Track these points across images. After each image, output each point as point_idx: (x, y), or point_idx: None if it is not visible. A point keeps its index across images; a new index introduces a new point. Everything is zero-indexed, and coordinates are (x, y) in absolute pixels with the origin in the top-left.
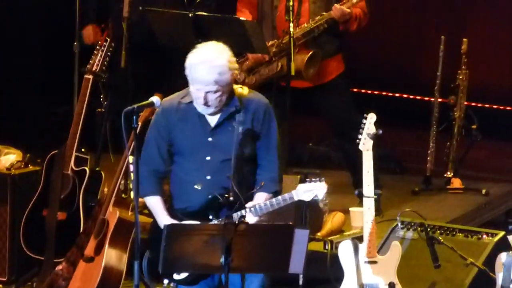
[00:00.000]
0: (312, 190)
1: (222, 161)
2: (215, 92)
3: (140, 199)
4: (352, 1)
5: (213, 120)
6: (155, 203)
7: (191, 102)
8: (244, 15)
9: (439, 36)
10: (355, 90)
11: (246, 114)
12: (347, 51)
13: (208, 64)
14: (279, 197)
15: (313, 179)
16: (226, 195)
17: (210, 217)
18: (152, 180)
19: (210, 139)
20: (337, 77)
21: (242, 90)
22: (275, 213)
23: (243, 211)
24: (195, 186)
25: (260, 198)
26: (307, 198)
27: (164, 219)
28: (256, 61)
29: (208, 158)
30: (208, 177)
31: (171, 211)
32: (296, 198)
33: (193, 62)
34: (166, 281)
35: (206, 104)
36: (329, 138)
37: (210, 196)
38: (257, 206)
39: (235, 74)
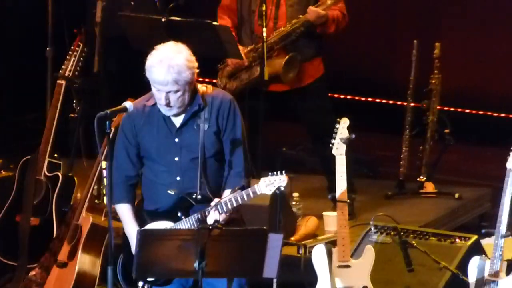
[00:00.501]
0: (273, 182)
1: (190, 160)
2: (176, 91)
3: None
4: (327, 3)
5: (178, 121)
6: (124, 211)
7: (155, 104)
8: (224, 22)
9: (411, 40)
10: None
11: (211, 112)
12: (326, 55)
13: (166, 64)
14: (242, 191)
15: (274, 172)
16: (194, 195)
17: (179, 214)
18: (123, 187)
19: (176, 139)
20: (315, 80)
21: (205, 88)
22: (250, 218)
23: (209, 209)
24: (168, 191)
25: (227, 194)
26: (268, 191)
27: (131, 227)
28: (236, 67)
29: (176, 158)
30: (178, 178)
31: (141, 213)
32: (258, 192)
33: (151, 63)
34: (140, 284)
35: (168, 104)
36: (303, 143)
37: (179, 197)
38: (222, 203)
39: (195, 73)
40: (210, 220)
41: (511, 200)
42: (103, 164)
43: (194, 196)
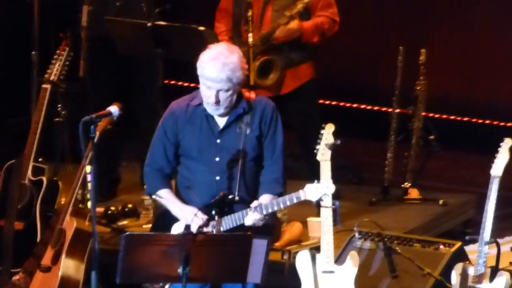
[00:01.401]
0: (320, 190)
1: (230, 161)
2: (227, 90)
3: (97, 209)
4: (297, 8)
5: (221, 122)
6: (164, 195)
7: (200, 104)
8: (221, 25)
9: (397, 47)
10: None
11: (254, 116)
12: (316, 59)
13: (221, 61)
14: (286, 196)
15: (322, 179)
16: (232, 195)
17: (213, 213)
18: (158, 176)
19: (218, 140)
20: (304, 85)
21: (249, 93)
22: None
23: (231, 216)
24: (187, 187)
25: (265, 199)
26: (314, 198)
27: (177, 206)
28: None
29: (217, 159)
30: (217, 178)
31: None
32: (303, 198)
33: (205, 60)
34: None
35: (217, 103)
36: (289, 149)
37: (218, 196)
38: (263, 205)
39: (245, 75)
40: (248, 221)
41: (495, 206)
42: (88, 168)
43: (232, 197)
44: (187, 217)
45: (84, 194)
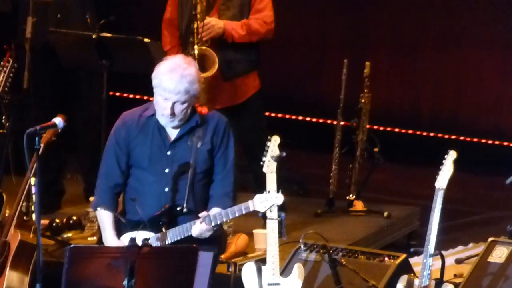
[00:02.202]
0: (269, 200)
1: (180, 173)
2: (183, 103)
3: (42, 221)
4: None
5: (173, 134)
6: (105, 217)
7: (153, 115)
8: (166, 36)
9: (341, 59)
10: None
11: (206, 130)
12: (260, 70)
13: (179, 73)
14: (234, 207)
15: (269, 191)
16: (180, 207)
17: (161, 223)
18: (108, 194)
19: (169, 152)
20: (251, 97)
21: (201, 108)
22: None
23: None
24: (131, 199)
25: (213, 213)
26: (263, 208)
27: (110, 235)
28: None
29: (167, 170)
30: (166, 189)
31: (120, 223)
32: (252, 209)
33: (162, 71)
34: None
35: (172, 114)
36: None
37: (164, 208)
38: (211, 216)
39: (201, 87)
40: (195, 231)
41: (440, 219)
42: (32, 180)
43: (180, 209)
44: None
45: (28, 206)
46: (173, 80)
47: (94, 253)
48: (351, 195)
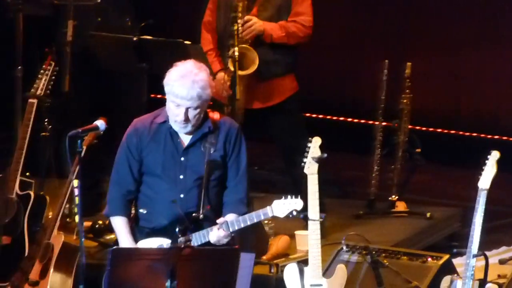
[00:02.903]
0: (288, 206)
1: (194, 180)
2: (196, 108)
3: (84, 223)
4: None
5: (185, 140)
6: (120, 224)
7: (165, 122)
8: (207, 40)
9: (382, 60)
10: None
11: (218, 136)
12: (298, 72)
13: (191, 79)
14: (253, 213)
15: (289, 195)
16: (195, 214)
17: (177, 231)
18: (121, 201)
19: (182, 158)
20: (288, 98)
21: (213, 114)
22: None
23: (196, 234)
24: (172, 201)
25: (230, 219)
26: (282, 214)
27: (126, 242)
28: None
29: (181, 177)
30: (182, 196)
31: (136, 231)
32: (270, 215)
33: (174, 78)
34: None
35: (186, 120)
36: (273, 162)
37: (180, 214)
38: (229, 222)
39: (212, 92)
40: (212, 238)
41: (482, 219)
42: (75, 182)
43: (196, 215)
44: None
45: (71, 208)
46: (185, 86)
47: (136, 255)
48: (393, 196)
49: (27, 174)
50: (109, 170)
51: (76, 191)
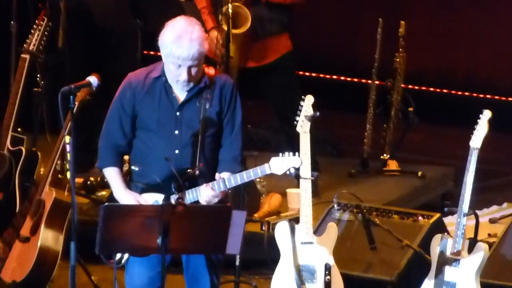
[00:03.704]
0: (286, 163)
1: (189, 136)
2: (197, 65)
3: (76, 180)
4: None
5: (181, 96)
6: (112, 174)
7: (159, 76)
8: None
9: (376, 19)
10: None
11: (214, 92)
12: (293, 31)
13: (188, 38)
14: (250, 170)
15: (286, 152)
16: (191, 170)
17: (173, 189)
18: (112, 153)
19: (177, 113)
20: (282, 57)
21: (208, 69)
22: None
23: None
24: (165, 158)
25: (225, 177)
26: (280, 171)
27: (119, 190)
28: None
29: (176, 132)
30: (177, 151)
31: (131, 186)
32: (268, 171)
33: (170, 39)
34: (118, 256)
35: (189, 80)
36: (268, 121)
37: (198, 166)
38: (226, 179)
39: (207, 44)
40: (202, 200)
41: (474, 178)
42: (67, 139)
43: (191, 171)
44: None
45: (63, 164)
46: (184, 47)
47: (128, 211)
48: (385, 155)
49: (19, 129)
50: (102, 126)
51: (68, 147)
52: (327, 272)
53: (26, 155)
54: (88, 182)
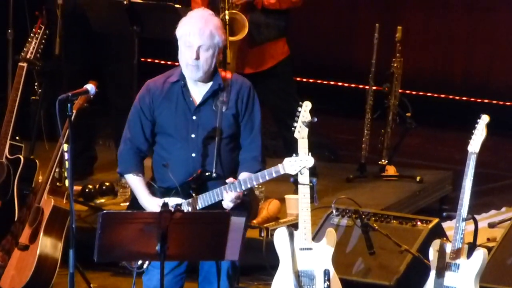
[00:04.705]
0: (299, 163)
1: (206, 138)
2: (207, 49)
3: (75, 187)
4: None
5: (197, 99)
6: (136, 181)
7: (178, 81)
8: (197, 5)
9: (373, 24)
10: None
11: (230, 94)
12: (288, 37)
13: (204, 19)
14: (264, 171)
15: (299, 153)
16: (209, 173)
17: (191, 190)
18: (134, 158)
19: (194, 117)
20: (280, 63)
21: (225, 73)
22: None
23: (207, 193)
24: (163, 164)
25: (243, 177)
26: (293, 171)
27: (144, 197)
28: None
29: (193, 135)
30: (193, 155)
31: (152, 190)
32: (282, 172)
33: (186, 21)
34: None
35: (197, 58)
36: (266, 126)
37: (196, 173)
38: (241, 181)
39: (224, 42)
40: (226, 204)
41: (472, 183)
42: (65, 147)
43: (209, 174)
44: (151, 209)
45: (61, 172)
46: (197, 25)
47: (127, 218)
48: (383, 160)
49: (17, 137)
50: (101, 133)
51: (66, 155)
52: (326, 278)
53: (24, 163)
54: (86, 190)
